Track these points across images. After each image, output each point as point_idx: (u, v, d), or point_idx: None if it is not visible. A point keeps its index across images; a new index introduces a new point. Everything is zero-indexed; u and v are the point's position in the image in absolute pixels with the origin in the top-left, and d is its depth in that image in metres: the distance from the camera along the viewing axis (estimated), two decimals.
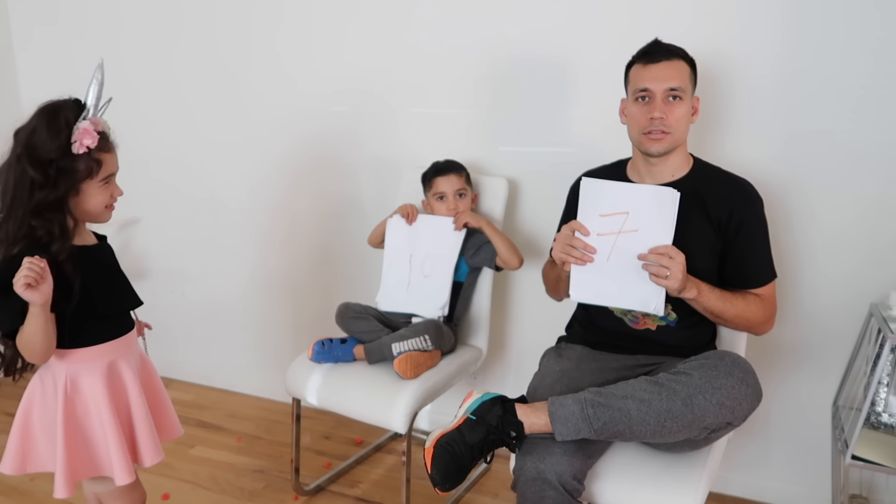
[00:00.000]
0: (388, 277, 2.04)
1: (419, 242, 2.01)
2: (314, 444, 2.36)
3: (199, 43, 2.49)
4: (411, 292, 1.99)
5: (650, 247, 1.43)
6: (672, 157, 1.56)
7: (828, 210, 1.83)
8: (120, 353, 1.40)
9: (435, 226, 2.00)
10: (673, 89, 1.49)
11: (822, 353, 1.90)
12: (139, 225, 2.68)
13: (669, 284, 1.41)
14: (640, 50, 1.57)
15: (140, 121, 2.60)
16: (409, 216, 2.01)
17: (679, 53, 1.54)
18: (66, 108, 1.27)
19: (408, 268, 2.01)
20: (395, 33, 2.20)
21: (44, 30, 2.70)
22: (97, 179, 1.30)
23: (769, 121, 1.84)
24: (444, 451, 1.34)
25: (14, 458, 1.36)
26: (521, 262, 1.95)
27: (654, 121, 1.50)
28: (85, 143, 1.25)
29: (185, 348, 2.75)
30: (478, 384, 2.33)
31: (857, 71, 1.74)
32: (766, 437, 2.01)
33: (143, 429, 1.40)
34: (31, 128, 1.26)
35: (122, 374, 1.39)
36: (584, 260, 1.47)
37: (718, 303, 1.49)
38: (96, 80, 1.30)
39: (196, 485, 2.13)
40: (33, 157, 1.24)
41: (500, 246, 1.94)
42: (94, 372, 1.35)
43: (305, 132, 2.41)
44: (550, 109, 2.07)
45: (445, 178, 1.99)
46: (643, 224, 1.44)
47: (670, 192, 1.43)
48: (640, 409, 1.33)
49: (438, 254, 1.98)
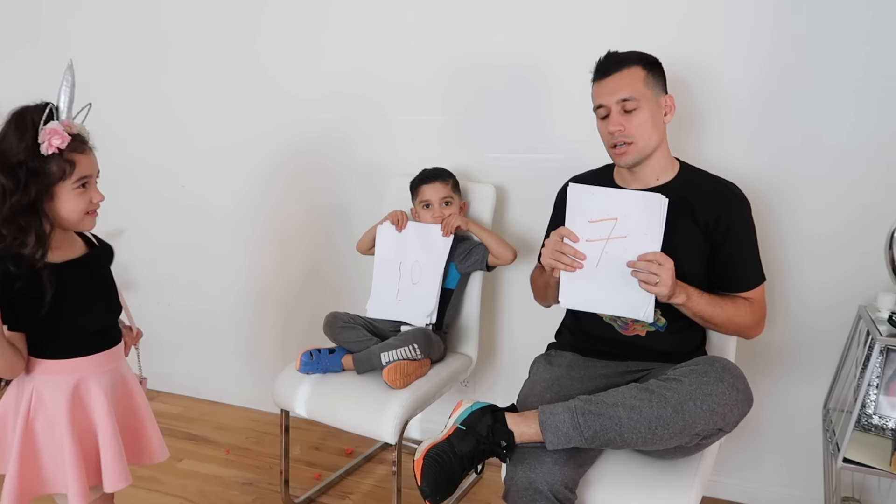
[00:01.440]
0: (378, 284, 2.04)
1: (408, 249, 2.00)
2: (304, 456, 2.34)
3: (182, 52, 2.47)
4: (400, 299, 1.99)
5: (639, 253, 1.42)
6: (651, 162, 1.56)
7: (816, 213, 1.83)
8: (92, 370, 1.34)
9: (423, 233, 1.99)
10: (624, 100, 1.49)
11: (811, 356, 1.90)
12: (124, 234, 2.66)
13: (659, 291, 1.40)
14: (594, 67, 1.56)
15: (125, 129, 2.58)
16: (399, 223, 2.00)
17: (631, 60, 1.51)
18: (32, 110, 1.24)
19: (397, 275, 2.01)
20: (381, 40, 2.20)
21: (25, 51, 2.68)
22: (71, 181, 1.25)
23: (756, 124, 1.84)
24: (434, 462, 1.33)
25: None
26: (514, 254, 1.95)
27: (614, 134, 1.50)
28: (54, 143, 1.21)
29: (171, 360, 2.72)
30: (468, 392, 2.32)
31: (845, 74, 1.75)
32: (757, 440, 2.00)
33: (108, 451, 1.34)
34: (1, 135, 1.23)
35: (91, 392, 1.33)
36: (574, 266, 1.46)
37: (708, 307, 1.48)
38: (66, 81, 1.27)
39: (184, 499, 2.10)
40: (3, 164, 1.21)
41: (492, 242, 1.94)
42: (60, 386, 1.31)
43: (292, 140, 2.40)
44: (537, 116, 2.06)
45: (431, 186, 1.98)
46: (632, 230, 1.43)
47: (658, 197, 1.42)
48: (631, 417, 1.32)
49: (426, 261, 1.98)
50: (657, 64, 1.55)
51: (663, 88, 1.55)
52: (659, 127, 1.53)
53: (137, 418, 1.45)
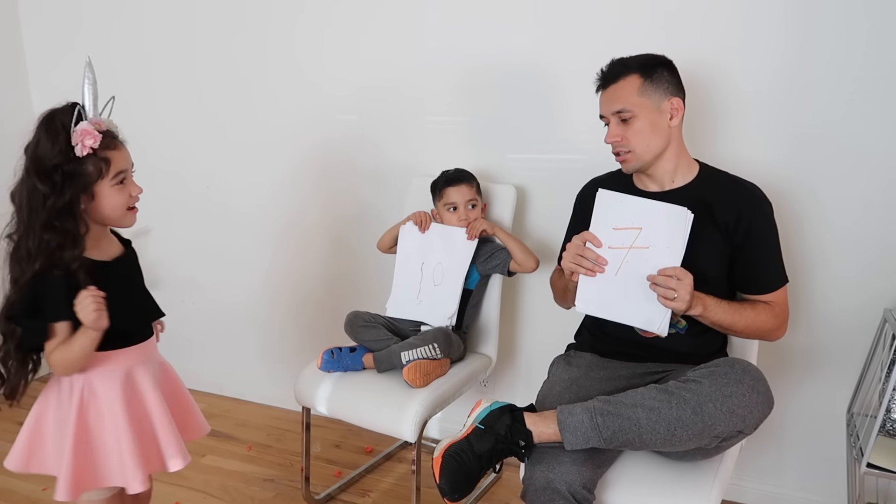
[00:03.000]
0: (399, 284, 2.04)
1: (431, 251, 2.01)
2: (324, 453, 2.36)
3: (213, 51, 2.51)
4: (421, 300, 1.99)
5: (659, 266, 1.42)
6: (661, 165, 1.55)
7: (839, 214, 1.81)
8: (138, 359, 1.39)
9: (447, 235, 2.00)
10: (618, 111, 1.51)
11: (835, 360, 1.88)
12: (150, 234, 2.70)
13: (676, 306, 1.40)
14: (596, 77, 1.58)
15: (156, 128, 2.62)
16: (423, 224, 2.01)
17: (630, 68, 1.51)
18: (60, 113, 1.26)
19: (419, 275, 2.01)
20: (406, 42, 2.21)
21: (57, 39, 2.75)
22: (109, 178, 1.28)
23: (776, 124, 1.83)
24: (453, 460, 1.34)
25: (21, 455, 1.36)
26: (537, 263, 1.95)
27: (612, 145, 1.54)
28: (87, 143, 1.24)
29: (195, 357, 2.76)
30: (487, 392, 2.32)
31: (864, 72, 1.73)
32: (779, 445, 1.99)
33: (165, 433, 1.39)
34: (35, 140, 1.26)
35: (140, 380, 1.39)
36: (594, 271, 1.47)
37: (726, 316, 1.48)
38: (88, 79, 1.29)
39: (207, 494, 2.14)
40: (39, 169, 1.24)
41: (516, 249, 1.94)
42: (111, 377, 1.35)
43: (316, 140, 2.42)
44: (558, 117, 2.06)
45: (457, 189, 1.98)
46: (655, 241, 1.44)
47: (684, 212, 1.42)
48: (650, 418, 1.32)
49: (450, 263, 1.98)
50: (662, 67, 1.53)
51: (667, 91, 1.52)
52: (661, 132, 1.52)
53: (182, 399, 1.52)
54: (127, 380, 1.37)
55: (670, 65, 1.55)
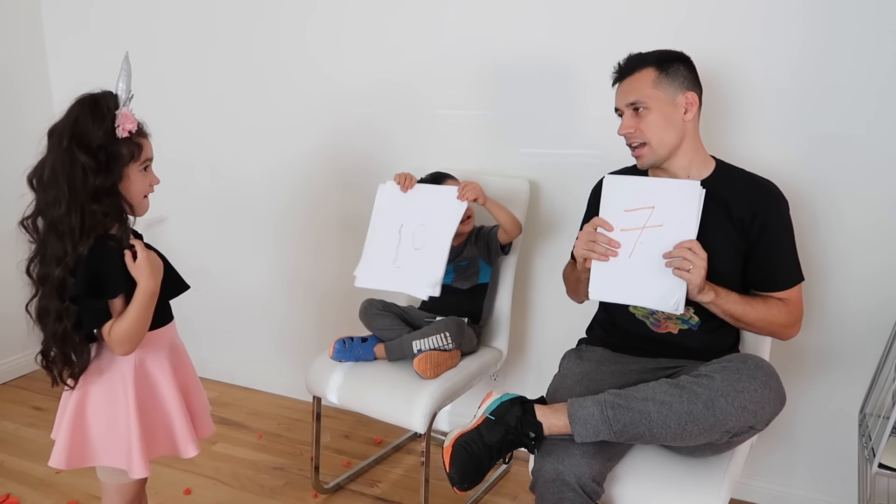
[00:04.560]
0: (372, 249, 1.83)
1: (413, 212, 1.81)
2: (334, 444, 2.37)
3: (228, 43, 2.52)
4: (399, 265, 1.78)
5: (674, 242, 1.42)
6: (677, 159, 1.55)
7: (855, 213, 1.80)
8: (175, 334, 1.48)
9: (434, 195, 1.83)
10: (632, 103, 1.52)
11: (848, 359, 1.87)
12: (165, 223, 2.73)
13: (691, 278, 1.39)
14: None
15: (166, 118, 2.63)
16: (405, 183, 1.85)
17: (645, 62, 1.52)
18: (105, 97, 1.31)
19: (396, 238, 1.81)
20: (422, 35, 2.21)
21: (76, 36, 2.77)
22: (138, 163, 1.33)
23: (793, 122, 1.81)
24: (463, 450, 1.35)
25: (67, 453, 1.37)
26: (521, 227, 1.93)
27: (626, 136, 1.54)
28: (127, 127, 1.29)
29: (207, 346, 2.78)
30: (497, 386, 2.33)
31: (883, 71, 1.71)
32: (790, 444, 1.98)
33: (200, 403, 1.50)
34: (72, 119, 1.28)
35: (181, 354, 1.48)
36: (607, 255, 1.47)
37: (738, 306, 1.47)
38: (125, 71, 1.32)
39: (217, 481, 2.16)
40: (82, 144, 1.26)
41: (505, 218, 1.88)
42: (159, 353, 1.40)
43: (330, 132, 2.43)
44: (573, 112, 2.06)
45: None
46: (667, 219, 1.44)
47: (694, 185, 1.43)
48: (661, 412, 1.32)
49: (434, 224, 1.77)
50: (679, 61, 1.53)
51: (682, 86, 1.52)
52: (675, 126, 1.52)
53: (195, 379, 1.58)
54: (171, 353, 1.44)
55: (687, 60, 1.54)
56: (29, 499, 2.05)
